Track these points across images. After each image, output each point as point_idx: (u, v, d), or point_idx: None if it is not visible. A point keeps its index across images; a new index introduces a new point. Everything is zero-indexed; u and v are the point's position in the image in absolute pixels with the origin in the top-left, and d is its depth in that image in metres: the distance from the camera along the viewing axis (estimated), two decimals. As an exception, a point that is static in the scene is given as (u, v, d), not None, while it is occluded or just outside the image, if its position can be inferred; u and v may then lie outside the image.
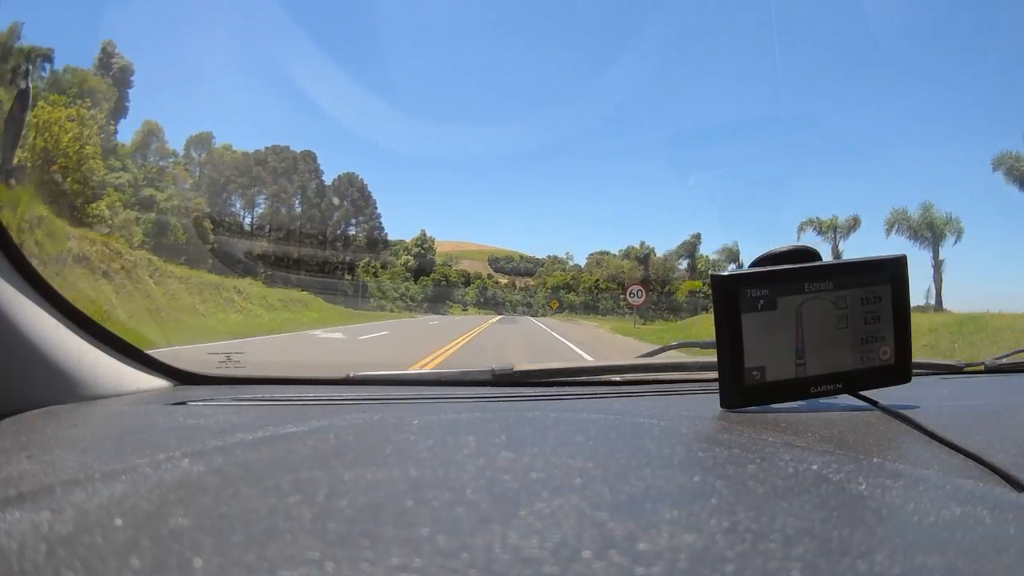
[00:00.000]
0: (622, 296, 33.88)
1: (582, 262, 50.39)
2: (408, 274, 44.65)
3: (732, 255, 33.57)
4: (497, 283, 51.01)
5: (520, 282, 51.51)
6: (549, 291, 47.46)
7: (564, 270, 50.64)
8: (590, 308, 42.68)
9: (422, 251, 47.93)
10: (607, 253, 48.40)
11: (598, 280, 45.12)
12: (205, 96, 44.14)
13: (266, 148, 37.83)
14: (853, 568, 0.25)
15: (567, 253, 53.85)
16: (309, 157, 39.14)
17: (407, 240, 48.41)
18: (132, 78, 26.43)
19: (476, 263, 53.65)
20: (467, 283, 49.44)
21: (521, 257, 54.88)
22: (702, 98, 58.10)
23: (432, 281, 46.34)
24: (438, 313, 40.78)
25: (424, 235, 49.56)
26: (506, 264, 54.82)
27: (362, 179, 41.21)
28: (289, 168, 38.02)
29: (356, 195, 41.17)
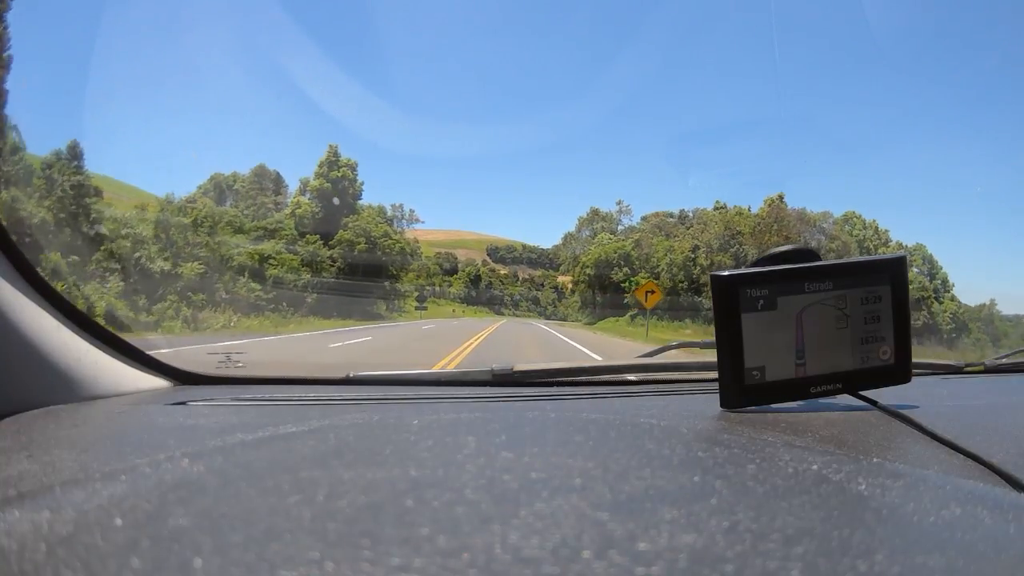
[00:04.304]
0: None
1: (636, 222, 30.10)
2: (295, 232, 21.91)
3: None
4: (494, 272, 42.47)
5: (522, 272, 43.80)
6: (588, 272, 26.97)
7: (614, 233, 29.80)
8: (679, 309, 21.90)
9: (330, 185, 23.69)
10: (668, 215, 29.03)
11: (697, 246, 23.16)
12: (204, 96, 43.77)
13: None
14: (853, 568, 0.25)
15: (620, 203, 31.77)
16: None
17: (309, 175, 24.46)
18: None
19: (473, 252, 48.09)
20: (453, 271, 37.62)
21: (524, 247, 48.59)
22: (702, 98, 58.23)
23: (341, 246, 21.94)
24: (362, 318, 20.26)
25: (336, 153, 25.52)
26: (507, 254, 48.63)
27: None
28: None
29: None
